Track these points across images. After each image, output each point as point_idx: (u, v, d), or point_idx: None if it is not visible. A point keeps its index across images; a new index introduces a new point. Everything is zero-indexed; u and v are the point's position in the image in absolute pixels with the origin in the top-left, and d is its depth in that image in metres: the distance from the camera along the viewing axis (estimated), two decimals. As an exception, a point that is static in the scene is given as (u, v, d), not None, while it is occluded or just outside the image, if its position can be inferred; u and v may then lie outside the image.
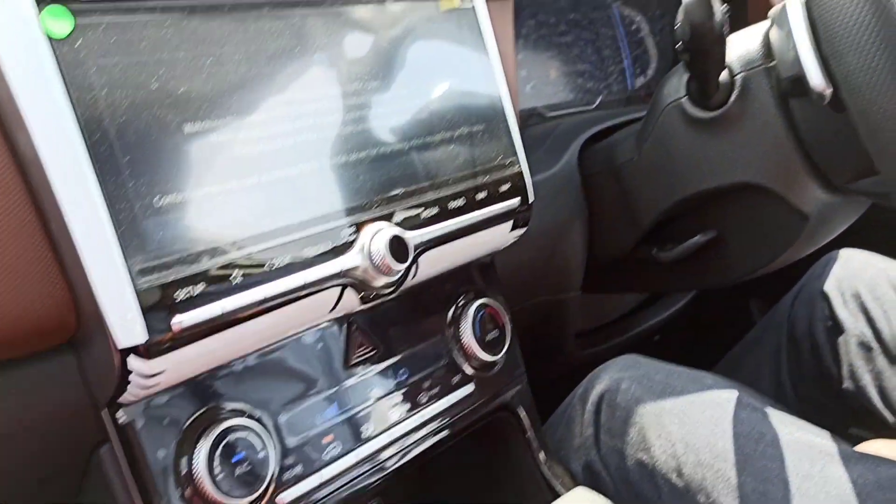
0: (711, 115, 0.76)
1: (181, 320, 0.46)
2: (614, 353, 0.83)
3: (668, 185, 0.81)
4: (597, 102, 1.05)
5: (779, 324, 1.05)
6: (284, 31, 0.54)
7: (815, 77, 0.63)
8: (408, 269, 0.59)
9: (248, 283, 0.49)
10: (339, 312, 0.59)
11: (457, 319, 0.70)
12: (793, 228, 0.79)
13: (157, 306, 0.45)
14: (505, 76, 0.70)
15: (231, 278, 0.48)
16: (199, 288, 0.47)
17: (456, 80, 0.65)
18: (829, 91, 0.63)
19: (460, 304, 0.71)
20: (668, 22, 1.16)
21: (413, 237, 0.58)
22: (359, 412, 0.62)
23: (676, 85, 0.78)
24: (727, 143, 0.76)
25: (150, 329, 0.45)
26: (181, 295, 0.46)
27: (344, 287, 0.56)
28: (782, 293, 1.07)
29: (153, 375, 0.48)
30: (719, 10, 0.66)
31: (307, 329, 0.59)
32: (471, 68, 0.66)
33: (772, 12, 0.72)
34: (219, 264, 0.48)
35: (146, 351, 0.45)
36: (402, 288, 0.61)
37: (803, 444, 0.67)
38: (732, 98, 0.74)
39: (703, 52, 0.68)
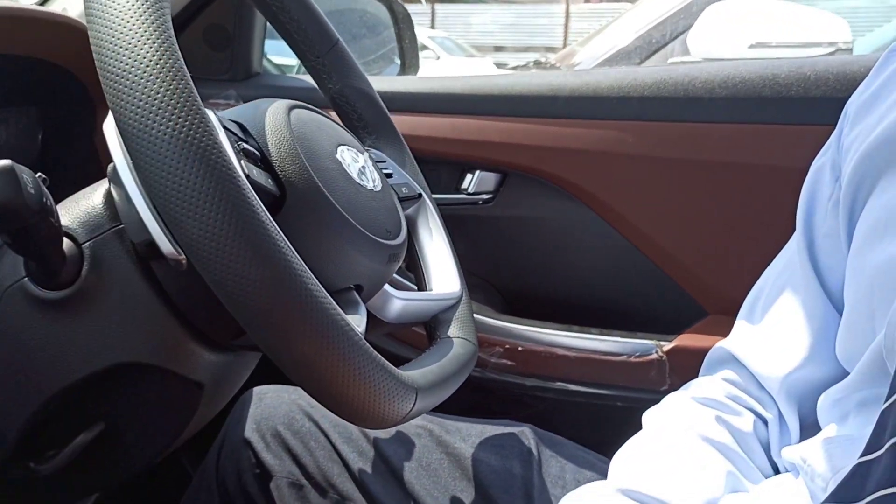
0: (63, 293, 0.62)
1: None
2: None
3: (29, 384, 0.65)
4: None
5: (208, 486, 0.95)
6: None
7: (164, 245, 0.56)
8: None
9: None
10: None
11: None
12: (190, 399, 0.70)
13: None
14: None
15: None
16: None
17: None
18: (183, 258, 0.56)
19: None
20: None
21: None
22: None
23: (13, 264, 0.63)
24: (90, 323, 0.64)
25: None
26: None
27: None
28: (210, 444, 0.99)
29: None
30: (31, 180, 0.54)
31: None
32: None
33: (109, 169, 0.64)
34: None
35: None
36: None
37: None
38: (84, 271, 0.63)
39: (24, 230, 0.55)
